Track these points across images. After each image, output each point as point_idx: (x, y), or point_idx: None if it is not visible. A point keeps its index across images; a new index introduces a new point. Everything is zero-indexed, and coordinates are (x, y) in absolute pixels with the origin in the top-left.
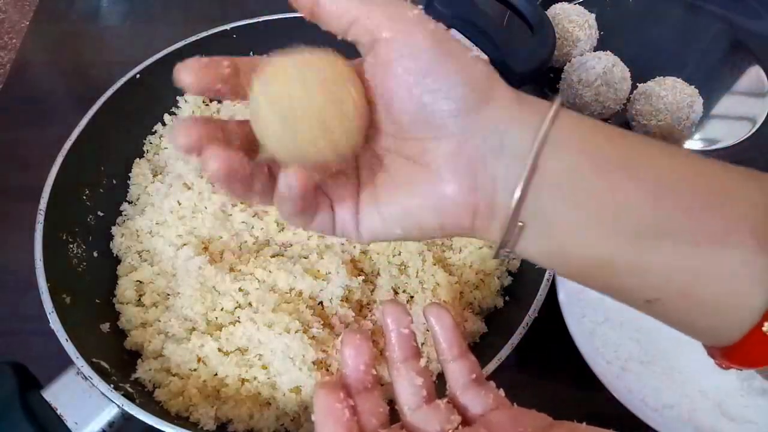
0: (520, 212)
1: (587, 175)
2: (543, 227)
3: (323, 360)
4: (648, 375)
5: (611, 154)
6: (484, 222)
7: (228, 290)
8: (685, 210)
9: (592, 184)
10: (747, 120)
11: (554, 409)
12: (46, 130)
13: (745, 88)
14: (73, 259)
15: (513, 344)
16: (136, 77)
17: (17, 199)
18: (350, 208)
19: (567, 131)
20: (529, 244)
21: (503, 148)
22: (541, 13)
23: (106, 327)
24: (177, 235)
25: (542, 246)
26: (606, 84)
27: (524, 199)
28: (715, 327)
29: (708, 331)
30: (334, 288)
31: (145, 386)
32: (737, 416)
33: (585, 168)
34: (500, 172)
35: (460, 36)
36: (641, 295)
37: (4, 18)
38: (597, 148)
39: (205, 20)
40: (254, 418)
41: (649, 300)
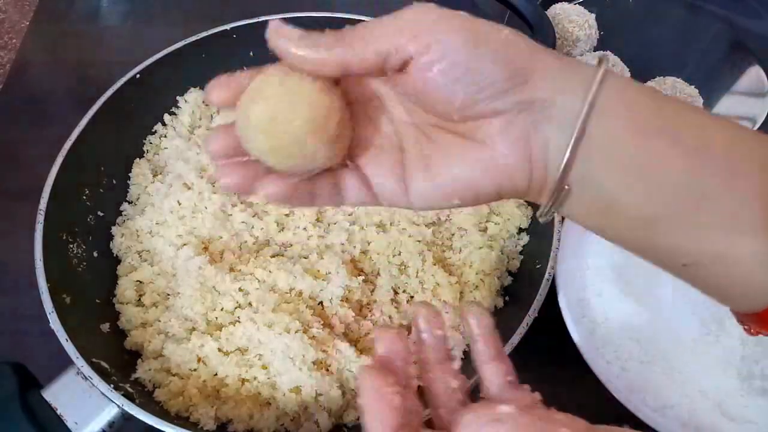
0: (568, 176)
1: (631, 140)
2: (590, 190)
3: (323, 360)
4: (648, 375)
5: (655, 120)
6: (538, 186)
7: (228, 290)
8: (726, 180)
9: (636, 148)
10: (747, 120)
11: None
12: (46, 130)
13: (745, 88)
14: (73, 259)
15: (513, 344)
16: (136, 77)
17: (17, 199)
18: (393, 177)
19: (613, 96)
20: (575, 205)
21: (552, 117)
22: (541, 13)
23: (106, 327)
24: (177, 235)
25: (587, 208)
26: None
27: (572, 163)
28: (747, 295)
29: (739, 297)
30: (334, 288)
31: (145, 386)
32: (737, 416)
33: (629, 133)
34: (552, 138)
35: None
36: (679, 258)
37: (4, 18)
38: (641, 113)
39: (205, 20)
40: (254, 418)
41: (685, 264)
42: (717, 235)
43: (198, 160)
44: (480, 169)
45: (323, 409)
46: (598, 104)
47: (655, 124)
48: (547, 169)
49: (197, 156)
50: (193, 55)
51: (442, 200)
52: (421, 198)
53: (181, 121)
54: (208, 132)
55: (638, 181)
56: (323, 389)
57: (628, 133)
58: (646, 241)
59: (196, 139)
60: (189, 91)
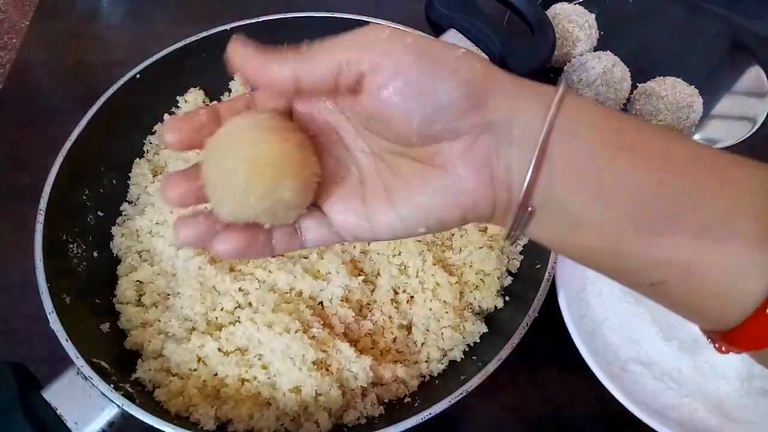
0: (531, 196)
1: (593, 158)
2: (554, 210)
3: (323, 360)
4: (648, 375)
5: (615, 138)
6: (504, 208)
7: (228, 290)
8: (688, 193)
9: (598, 166)
10: (747, 120)
11: (554, 409)
12: (46, 130)
13: (745, 88)
14: (73, 259)
15: (513, 344)
16: (136, 77)
17: (17, 199)
18: (355, 212)
19: (573, 116)
20: (541, 227)
21: (512, 138)
22: (541, 13)
23: (106, 327)
24: None
25: (551, 229)
26: (606, 84)
27: (535, 183)
28: (717, 310)
29: (710, 314)
30: (334, 288)
31: (145, 386)
32: (737, 416)
33: (591, 151)
34: (514, 159)
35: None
36: (647, 278)
37: (4, 18)
38: (601, 131)
39: (205, 20)
40: (254, 418)
41: (653, 283)
42: (683, 251)
43: (198, 160)
44: (443, 196)
45: (323, 409)
46: (558, 124)
47: (617, 142)
48: (510, 191)
49: (197, 156)
50: (193, 55)
51: (407, 230)
52: (385, 230)
53: None
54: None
55: (602, 199)
56: (323, 389)
57: (590, 151)
58: (614, 261)
59: None
60: (189, 91)
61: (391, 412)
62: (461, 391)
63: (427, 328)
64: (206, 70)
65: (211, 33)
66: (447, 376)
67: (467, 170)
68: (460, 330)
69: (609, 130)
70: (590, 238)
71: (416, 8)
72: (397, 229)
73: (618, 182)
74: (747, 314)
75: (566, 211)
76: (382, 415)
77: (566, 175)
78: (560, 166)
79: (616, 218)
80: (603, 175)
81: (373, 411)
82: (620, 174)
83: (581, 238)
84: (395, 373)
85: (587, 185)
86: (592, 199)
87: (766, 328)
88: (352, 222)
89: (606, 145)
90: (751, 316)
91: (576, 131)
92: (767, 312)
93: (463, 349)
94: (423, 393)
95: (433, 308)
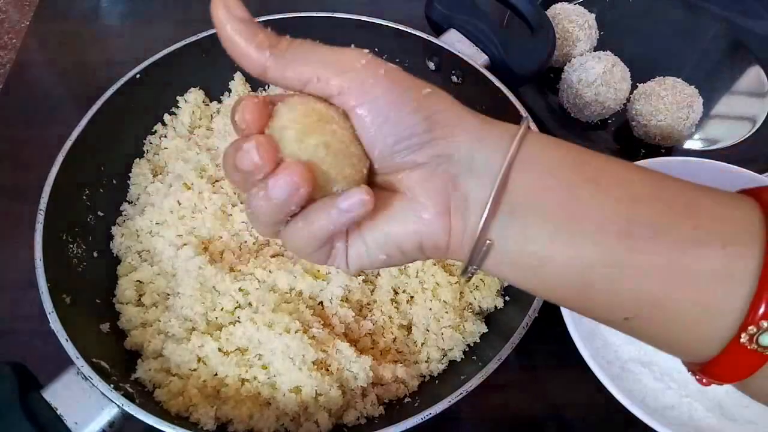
0: (488, 231)
1: (556, 192)
2: (516, 245)
3: (323, 360)
4: (648, 375)
5: (580, 170)
6: (458, 241)
7: (228, 290)
8: (654, 222)
9: (562, 198)
10: (747, 120)
11: (554, 409)
12: (46, 130)
13: (745, 88)
14: (73, 259)
15: (513, 344)
16: (136, 77)
17: (17, 199)
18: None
19: (535, 152)
20: (500, 262)
21: (473, 171)
22: (541, 13)
23: (106, 327)
24: (177, 235)
25: (514, 264)
26: (606, 84)
27: (493, 217)
28: (693, 343)
29: (686, 347)
30: (334, 288)
31: (145, 386)
32: (737, 416)
33: (553, 185)
34: (471, 193)
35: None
36: (619, 313)
37: (4, 18)
38: (564, 166)
39: (205, 20)
40: (254, 418)
41: (627, 317)
42: (652, 283)
43: (198, 160)
44: (403, 223)
45: (323, 409)
46: (520, 158)
47: (580, 175)
48: (466, 222)
49: (197, 156)
50: (193, 55)
51: (371, 260)
52: (354, 261)
53: (181, 121)
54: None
55: (566, 233)
56: (323, 389)
57: (552, 185)
58: (583, 297)
59: (196, 139)
60: (189, 91)
61: (391, 412)
62: (461, 391)
63: (427, 328)
64: (206, 70)
65: (211, 33)
66: (447, 376)
67: (425, 197)
68: (460, 330)
69: (571, 164)
70: (557, 274)
71: (416, 8)
72: (362, 257)
73: (582, 213)
74: (722, 346)
75: (529, 247)
76: (382, 415)
77: (528, 209)
78: (522, 200)
79: (583, 249)
80: (567, 208)
81: (373, 411)
82: (584, 207)
83: (548, 275)
84: (395, 373)
85: (550, 218)
86: (556, 233)
87: (740, 359)
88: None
89: (569, 179)
90: (725, 348)
91: (538, 166)
92: (740, 342)
93: (463, 349)
94: (423, 393)
95: (433, 308)
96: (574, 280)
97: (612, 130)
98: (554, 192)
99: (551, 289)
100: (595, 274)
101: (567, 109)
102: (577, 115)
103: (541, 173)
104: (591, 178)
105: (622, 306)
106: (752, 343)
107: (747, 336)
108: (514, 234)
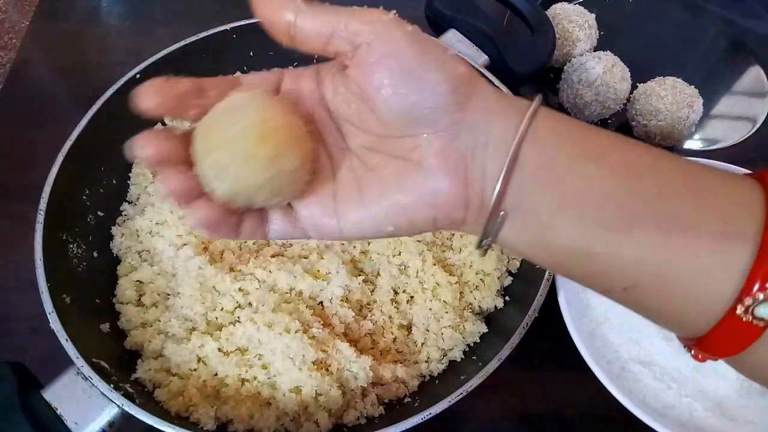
0: (502, 202)
1: (564, 165)
2: (524, 216)
3: (323, 360)
4: (648, 375)
5: (586, 147)
6: (476, 213)
7: (228, 290)
8: (655, 198)
9: (568, 173)
10: (747, 120)
11: (554, 409)
12: (46, 130)
13: (745, 88)
14: (73, 259)
15: (513, 344)
16: (136, 77)
17: (17, 199)
18: (324, 210)
19: (546, 125)
20: (511, 233)
21: (488, 142)
22: (541, 13)
23: (106, 327)
24: (177, 235)
25: (524, 235)
26: (606, 84)
27: (506, 189)
28: (690, 315)
29: (683, 319)
30: (334, 288)
31: (145, 386)
32: (737, 416)
33: (562, 159)
34: (488, 165)
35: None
36: (618, 282)
37: (4, 18)
38: (573, 141)
39: (205, 20)
40: (254, 418)
41: (625, 287)
42: (653, 251)
43: None
44: (416, 195)
45: (323, 409)
46: (531, 132)
47: (586, 150)
48: (483, 195)
49: None
50: (194, 55)
51: (376, 229)
52: (353, 229)
53: (181, 120)
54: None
55: (572, 202)
56: (323, 389)
57: (560, 158)
58: (585, 264)
59: None
60: None
61: (391, 412)
62: (461, 391)
63: (427, 328)
64: (206, 70)
65: (211, 33)
66: (447, 376)
67: (442, 168)
68: (460, 330)
69: (579, 140)
70: (561, 241)
71: (416, 8)
72: (366, 227)
73: (586, 187)
74: (718, 318)
75: (537, 215)
76: (382, 415)
77: (537, 180)
78: (531, 172)
79: (586, 220)
80: (572, 180)
81: (373, 411)
82: (589, 179)
83: (552, 242)
84: (395, 373)
85: (557, 190)
86: (563, 203)
87: (736, 331)
88: (317, 216)
89: (576, 153)
90: (721, 320)
91: (547, 140)
92: (736, 314)
93: (463, 349)
94: (423, 393)
95: (433, 308)
96: (576, 248)
97: (612, 130)
98: (561, 165)
99: (554, 257)
100: (596, 244)
101: (567, 109)
102: (577, 115)
103: (550, 147)
104: (596, 153)
105: (621, 276)
106: (747, 314)
107: (743, 308)
108: (523, 205)
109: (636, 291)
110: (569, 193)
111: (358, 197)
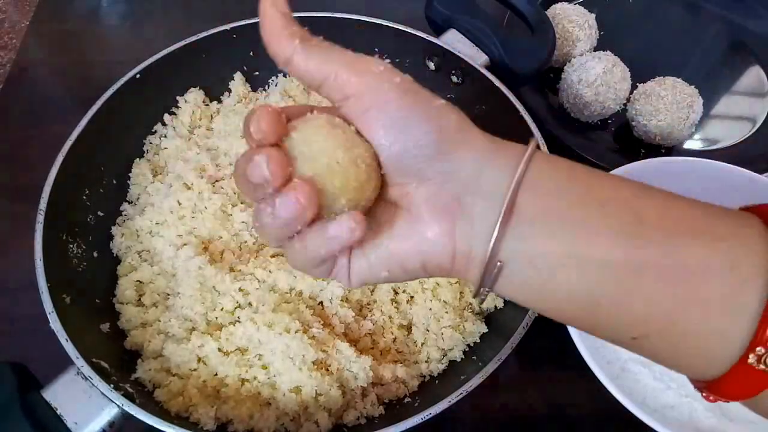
0: (498, 252)
1: (564, 213)
2: (522, 266)
3: (323, 360)
4: (648, 375)
5: (587, 193)
6: (463, 262)
7: (228, 290)
8: (662, 244)
9: (570, 221)
10: (747, 120)
11: (554, 409)
12: (46, 130)
13: (745, 88)
14: (73, 259)
15: (513, 344)
16: (136, 77)
17: (17, 199)
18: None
19: (542, 172)
20: (509, 283)
21: (479, 190)
22: (541, 13)
23: (106, 327)
24: (177, 235)
25: (523, 285)
26: (606, 84)
27: (501, 239)
28: (700, 361)
29: (693, 366)
30: (334, 288)
31: (145, 386)
32: (737, 416)
33: (561, 206)
34: (477, 214)
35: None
36: (627, 333)
37: (4, 18)
38: (572, 187)
39: (205, 20)
40: (254, 418)
41: (634, 337)
42: (663, 305)
43: (198, 160)
44: (406, 241)
45: (323, 409)
46: (527, 179)
47: (588, 197)
48: (471, 244)
49: (197, 156)
50: (193, 55)
51: (373, 276)
52: (357, 276)
53: (181, 121)
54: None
55: (575, 253)
56: (323, 389)
57: (560, 206)
58: (592, 316)
59: (196, 139)
60: (189, 91)
61: (391, 412)
62: (461, 391)
63: (427, 328)
64: (206, 70)
65: (211, 33)
66: (447, 376)
67: (430, 216)
68: (460, 330)
69: (579, 187)
70: (565, 293)
71: (416, 8)
72: (366, 276)
73: (589, 235)
74: (729, 365)
75: (538, 267)
76: (382, 415)
77: (536, 229)
78: (530, 221)
79: (590, 271)
80: (573, 228)
81: (373, 411)
82: (592, 231)
83: (555, 294)
84: (395, 373)
85: (557, 240)
86: (565, 254)
87: (748, 378)
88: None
89: (576, 200)
90: (732, 367)
91: (546, 188)
92: (748, 362)
93: (463, 349)
94: (423, 393)
95: (433, 308)
96: (582, 301)
97: (612, 130)
98: (562, 214)
99: (560, 309)
100: (603, 296)
101: (567, 109)
102: (577, 115)
103: (549, 195)
104: (599, 200)
105: (630, 327)
106: (760, 363)
107: (755, 357)
108: (521, 256)
109: (645, 341)
110: (569, 241)
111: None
